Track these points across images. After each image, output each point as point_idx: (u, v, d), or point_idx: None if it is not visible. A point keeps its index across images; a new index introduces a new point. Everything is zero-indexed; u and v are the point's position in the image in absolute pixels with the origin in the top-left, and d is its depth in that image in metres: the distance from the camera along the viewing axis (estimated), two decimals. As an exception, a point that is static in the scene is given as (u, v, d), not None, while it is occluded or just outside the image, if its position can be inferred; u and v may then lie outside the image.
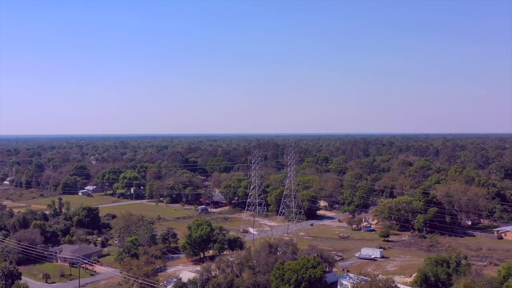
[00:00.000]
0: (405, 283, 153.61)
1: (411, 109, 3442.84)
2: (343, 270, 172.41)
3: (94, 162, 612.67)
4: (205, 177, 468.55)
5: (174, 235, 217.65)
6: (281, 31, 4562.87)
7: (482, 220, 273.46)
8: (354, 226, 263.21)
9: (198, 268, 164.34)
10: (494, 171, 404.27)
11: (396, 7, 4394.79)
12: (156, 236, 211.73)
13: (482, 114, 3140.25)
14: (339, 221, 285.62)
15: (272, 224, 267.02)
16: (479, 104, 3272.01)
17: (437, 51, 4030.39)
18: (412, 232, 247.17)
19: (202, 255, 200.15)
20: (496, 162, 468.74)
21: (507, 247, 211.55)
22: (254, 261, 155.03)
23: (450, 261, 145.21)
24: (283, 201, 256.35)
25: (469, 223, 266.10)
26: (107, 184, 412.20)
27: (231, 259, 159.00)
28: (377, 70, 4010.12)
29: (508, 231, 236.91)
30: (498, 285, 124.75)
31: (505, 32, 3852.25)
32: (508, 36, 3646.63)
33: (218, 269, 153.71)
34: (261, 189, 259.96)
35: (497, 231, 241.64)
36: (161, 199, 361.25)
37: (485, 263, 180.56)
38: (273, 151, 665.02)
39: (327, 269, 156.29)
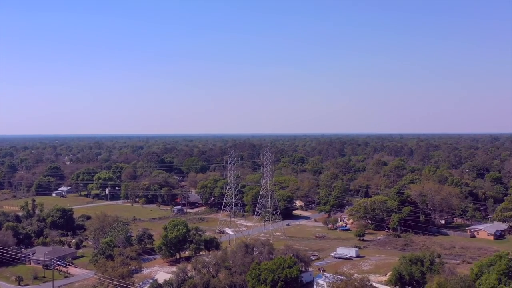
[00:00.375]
0: (380, 282, 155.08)
1: (386, 109, 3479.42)
2: (319, 269, 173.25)
3: (68, 163, 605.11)
4: (181, 178, 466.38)
5: (150, 236, 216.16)
6: (256, 31, 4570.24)
7: (455, 219, 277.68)
8: (330, 225, 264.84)
9: (174, 269, 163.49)
10: (467, 170, 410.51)
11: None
12: (132, 237, 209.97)
13: (456, 115, 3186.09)
14: (315, 220, 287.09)
15: (249, 224, 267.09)
16: (453, 105, 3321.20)
17: (411, 51, 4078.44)
18: (387, 231, 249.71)
19: (178, 256, 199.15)
20: (469, 162, 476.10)
21: (480, 245, 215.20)
22: (231, 262, 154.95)
23: (424, 260, 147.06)
24: (260, 201, 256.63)
25: (443, 222, 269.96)
26: (81, 185, 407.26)
27: (208, 259, 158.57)
28: (352, 69, 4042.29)
29: (481, 229, 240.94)
30: (471, 283, 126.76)
31: (478, 31, 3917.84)
32: (480, 35, 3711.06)
33: (194, 269, 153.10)
34: (237, 189, 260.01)
35: (470, 229, 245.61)
36: (136, 199, 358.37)
37: (458, 262, 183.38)
38: (249, 151, 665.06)
39: (303, 269, 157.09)
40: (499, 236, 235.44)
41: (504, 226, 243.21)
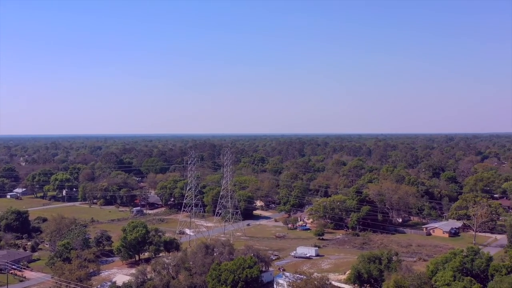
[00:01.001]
0: (339, 281, 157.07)
1: (345, 110, 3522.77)
2: (279, 269, 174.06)
3: (23, 164, 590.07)
4: (140, 178, 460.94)
5: (109, 238, 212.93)
6: (209, 27, 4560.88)
7: (412, 218, 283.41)
8: (290, 225, 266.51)
9: (133, 271, 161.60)
10: (423, 170, 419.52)
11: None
12: (90, 239, 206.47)
13: (413, 115, 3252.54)
14: (275, 220, 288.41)
15: (209, 224, 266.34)
16: (409, 105, 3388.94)
17: (369, 50, 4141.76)
18: (346, 230, 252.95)
19: (137, 258, 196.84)
20: (425, 161, 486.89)
21: (435, 243, 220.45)
22: (191, 263, 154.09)
23: (382, 258, 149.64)
24: (220, 202, 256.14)
25: (400, 220, 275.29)
26: (37, 186, 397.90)
27: (167, 261, 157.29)
28: (310, 70, 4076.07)
29: (436, 227, 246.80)
30: (427, 280, 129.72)
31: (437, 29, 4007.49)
32: (441, 33, 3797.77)
33: (154, 271, 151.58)
34: (197, 190, 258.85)
35: (426, 227, 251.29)
36: (94, 201, 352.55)
37: (414, 259, 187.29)
38: (210, 151, 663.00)
39: (264, 269, 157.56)
40: (454, 233, 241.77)
41: (459, 224, 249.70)
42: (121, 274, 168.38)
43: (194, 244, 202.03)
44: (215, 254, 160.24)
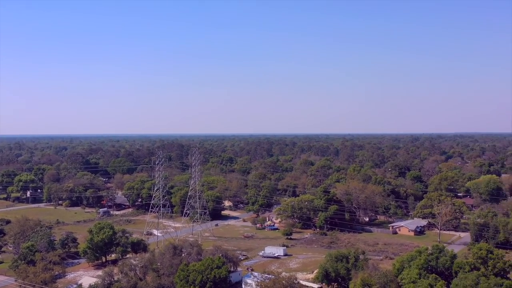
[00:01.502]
0: (307, 280, 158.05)
1: (313, 110, 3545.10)
2: (247, 269, 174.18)
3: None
4: (107, 179, 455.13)
5: (74, 240, 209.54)
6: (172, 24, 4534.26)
7: (378, 216, 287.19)
8: (258, 225, 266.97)
9: (100, 273, 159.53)
10: (389, 169, 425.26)
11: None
12: (55, 241, 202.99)
13: (379, 115, 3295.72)
14: (244, 220, 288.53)
15: (177, 225, 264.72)
16: (376, 105, 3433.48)
17: (336, 51, 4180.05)
18: (314, 230, 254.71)
19: (104, 260, 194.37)
20: (391, 161, 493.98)
21: (401, 241, 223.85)
22: (158, 264, 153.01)
23: (349, 257, 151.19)
24: (188, 202, 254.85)
25: (367, 219, 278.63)
26: (0, 187, 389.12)
27: (135, 262, 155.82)
28: (276, 69, 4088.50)
29: (402, 226, 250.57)
30: (393, 278, 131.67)
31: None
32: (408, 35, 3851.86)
33: (121, 273, 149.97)
34: (165, 190, 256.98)
35: (392, 226, 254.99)
36: (60, 202, 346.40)
37: (381, 258, 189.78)
38: (178, 151, 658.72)
39: (232, 269, 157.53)
40: (419, 232, 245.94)
41: (424, 222, 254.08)
42: (88, 276, 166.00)
43: (162, 245, 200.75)
44: (183, 254, 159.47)
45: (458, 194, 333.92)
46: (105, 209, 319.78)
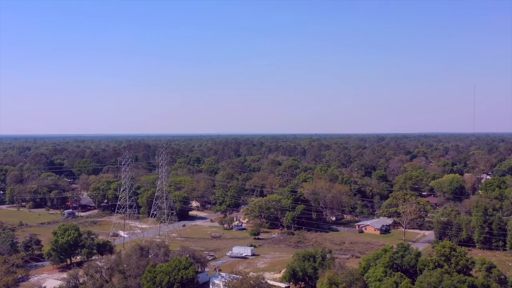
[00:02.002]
0: (274, 279, 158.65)
1: (279, 110, 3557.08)
2: (215, 269, 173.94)
3: None
4: (72, 180, 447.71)
5: (38, 242, 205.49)
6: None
7: (345, 216, 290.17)
8: (225, 225, 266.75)
9: (65, 275, 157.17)
10: (356, 169, 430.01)
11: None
12: (18, 244, 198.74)
13: (346, 116, 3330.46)
14: (211, 221, 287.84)
15: (144, 226, 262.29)
16: (343, 106, 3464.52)
17: (299, 52, 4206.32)
18: (281, 229, 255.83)
19: (69, 262, 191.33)
20: (357, 160, 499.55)
21: (367, 240, 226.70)
22: (125, 265, 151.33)
23: (316, 256, 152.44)
24: (155, 203, 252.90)
25: (334, 218, 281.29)
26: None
27: (100, 264, 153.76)
28: (245, 69, 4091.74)
29: (368, 225, 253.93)
30: (359, 276, 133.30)
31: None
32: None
33: (87, 275, 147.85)
34: (131, 191, 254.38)
35: (358, 225, 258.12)
36: (23, 204, 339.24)
37: (347, 256, 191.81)
38: (144, 152, 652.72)
39: (200, 270, 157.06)
40: (385, 230, 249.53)
41: (389, 221, 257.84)
42: (52, 279, 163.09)
43: (128, 246, 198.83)
44: (150, 256, 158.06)
45: (423, 193, 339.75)
46: (70, 210, 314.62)
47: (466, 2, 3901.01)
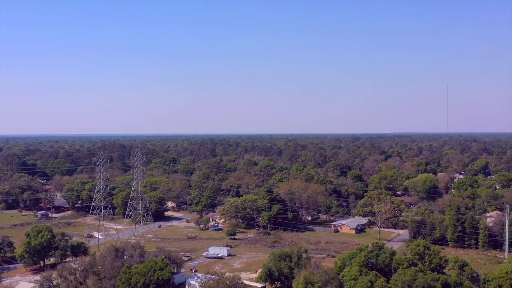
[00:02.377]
0: (251, 279, 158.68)
1: (255, 110, 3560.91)
2: (191, 270, 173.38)
3: None
4: (45, 181, 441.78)
5: (10, 244, 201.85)
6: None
7: (320, 215, 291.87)
8: (201, 225, 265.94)
9: (38, 277, 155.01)
10: (331, 169, 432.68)
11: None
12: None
13: (322, 116, 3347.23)
14: (187, 221, 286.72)
15: (119, 227, 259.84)
16: (319, 106, 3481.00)
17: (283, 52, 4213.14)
18: (257, 229, 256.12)
19: (42, 264, 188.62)
20: (333, 160, 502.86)
21: (343, 240, 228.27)
22: (100, 267, 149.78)
23: (292, 256, 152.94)
24: (130, 203, 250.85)
25: (309, 218, 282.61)
26: None
27: (75, 265, 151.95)
28: (218, 69, 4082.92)
29: (343, 224, 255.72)
30: (335, 275, 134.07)
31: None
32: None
33: (60, 277, 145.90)
34: (106, 192, 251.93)
35: (334, 225, 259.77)
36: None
37: (323, 256, 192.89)
38: (119, 152, 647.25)
39: (175, 270, 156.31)
40: (360, 230, 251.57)
41: (364, 220, 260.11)
42: (25, 282, 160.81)
43: (103, 247, 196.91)
44: (125, 257, 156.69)
45: (397, 193, 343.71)
46: (44, 211, 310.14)
47: (437, 2, 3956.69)
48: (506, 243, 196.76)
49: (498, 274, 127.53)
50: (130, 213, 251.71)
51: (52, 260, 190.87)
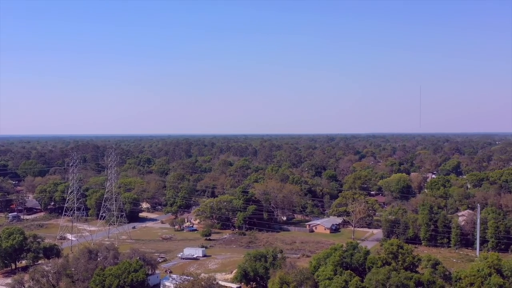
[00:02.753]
0: (226, 280, 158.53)
1: (230, 110, 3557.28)
2: (166, 271, 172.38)
3: None
4: (17, 182, 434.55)
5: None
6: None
7: (296, 215, 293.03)
8: (176, 226, 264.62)
9: (9, 280, 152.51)
10: (306, 169, 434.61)
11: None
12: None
13: (297, 116, 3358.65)
14: (162, 222, 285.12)
15: (92, 229, 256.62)
16: (294, 106, 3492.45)
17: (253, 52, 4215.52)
18: (233, 230, 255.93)
19: (14, 267, 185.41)
20: (308, 161, 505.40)
21: (318, 239, 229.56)
22: (73, 269, 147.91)
23: (267, 256, 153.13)
24: (104, 205, 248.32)
25: (285, 218, 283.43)
26: None
27: (47, 268, 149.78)
28: (190, 71, 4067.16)
29: (318, 224, 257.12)
30: (310, 275, 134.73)
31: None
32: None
33: (32, 280, 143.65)
34: (80, 193, 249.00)
35: (309, 225, 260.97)
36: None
37: (298, 256, 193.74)
38: (93, 153, 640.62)
39: (150, 272, 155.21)
40: (335, 229, 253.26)
41: (339, 220, 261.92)
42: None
43: (76, 249, 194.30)
44: (99, 259, 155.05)
45: (371, 192, 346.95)
46: (15, 213, 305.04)
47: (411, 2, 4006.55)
48: (477, 241, 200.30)
49: (469, 272, 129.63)
50: (104, 214, 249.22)
51: (24, 262, 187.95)
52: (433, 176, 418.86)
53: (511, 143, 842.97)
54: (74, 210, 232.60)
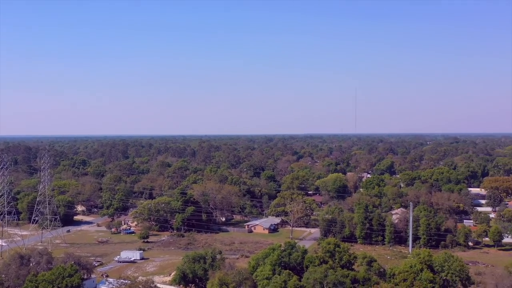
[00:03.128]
0: (164, 283, 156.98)
1: (166, 111, 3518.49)
2: (102, 275, 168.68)
3: None
4: None
5: None
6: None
7: (234, 216, 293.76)
8: (113, 229, 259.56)
9: None
10: (245, 169, 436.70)
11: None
12: None
13: (235, 117, 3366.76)
14: (98, 225, 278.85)
15: (24, 233, 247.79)
16: (232, 107, 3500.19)
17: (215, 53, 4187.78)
18: (171, 232, 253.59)
19: None
20: (247, 161, 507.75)
21: (256, 240, 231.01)
22: (3, 276, 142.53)
23: (206, 257, 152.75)
24: (37, 208, 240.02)
25: (223, 219, 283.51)
26: None
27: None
28: (128, 72, 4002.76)
29: (257, 224, 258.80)
30: (248, 275, 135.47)
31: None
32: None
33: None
34: (10, 196, 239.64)
35: (248, 225, 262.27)
36: None
37: (237, 256, 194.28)
38: (25, 154, 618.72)
39: (86, 276, 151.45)
40: (273, 229, 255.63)
41: (277, 220, 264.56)
42: None
43: (6, 255, 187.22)
44: (31, 264, 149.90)
45: (309, 192, 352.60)
46: None
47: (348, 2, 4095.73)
48: (410, 238, 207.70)
49: (403, 268, 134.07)
50: (36, 218, 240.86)
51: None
52: (368, 175, 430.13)
53: (441, 144, 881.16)
54: (5, 214, 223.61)
